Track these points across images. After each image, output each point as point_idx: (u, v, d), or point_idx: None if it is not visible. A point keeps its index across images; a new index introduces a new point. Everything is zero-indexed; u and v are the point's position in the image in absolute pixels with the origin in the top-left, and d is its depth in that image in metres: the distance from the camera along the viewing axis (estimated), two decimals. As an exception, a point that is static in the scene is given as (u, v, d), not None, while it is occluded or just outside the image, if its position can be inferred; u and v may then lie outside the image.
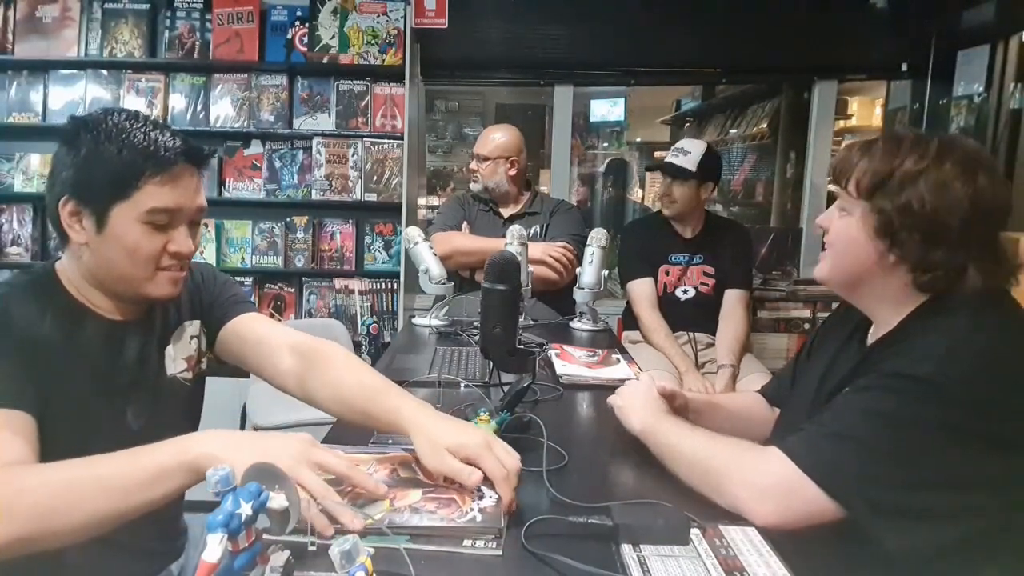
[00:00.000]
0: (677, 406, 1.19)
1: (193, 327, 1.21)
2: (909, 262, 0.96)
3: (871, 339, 1.05)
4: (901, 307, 0.99)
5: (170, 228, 1.02)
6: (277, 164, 3.07)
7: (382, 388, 1.06)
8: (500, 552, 0.80)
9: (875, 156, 0.98)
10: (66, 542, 0.81)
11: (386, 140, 3.02)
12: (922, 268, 0.95)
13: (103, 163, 0.97)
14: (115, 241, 0.99)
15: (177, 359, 1.17)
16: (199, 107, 3.03)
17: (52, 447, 0.95)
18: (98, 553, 1.00)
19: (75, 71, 2.99)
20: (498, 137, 2.52)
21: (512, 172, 2.51)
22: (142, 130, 0.99)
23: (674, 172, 2.43)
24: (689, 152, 2.44)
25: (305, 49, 2.98)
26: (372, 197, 3.04)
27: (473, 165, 2.54)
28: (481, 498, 0.89)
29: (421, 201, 3.55)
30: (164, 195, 0.99)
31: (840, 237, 1.02)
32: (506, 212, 2.54)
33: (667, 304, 2.49)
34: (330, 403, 1.11)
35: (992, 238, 0.95)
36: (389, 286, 3.12)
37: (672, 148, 2.51)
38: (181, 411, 1.19)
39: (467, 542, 0.82)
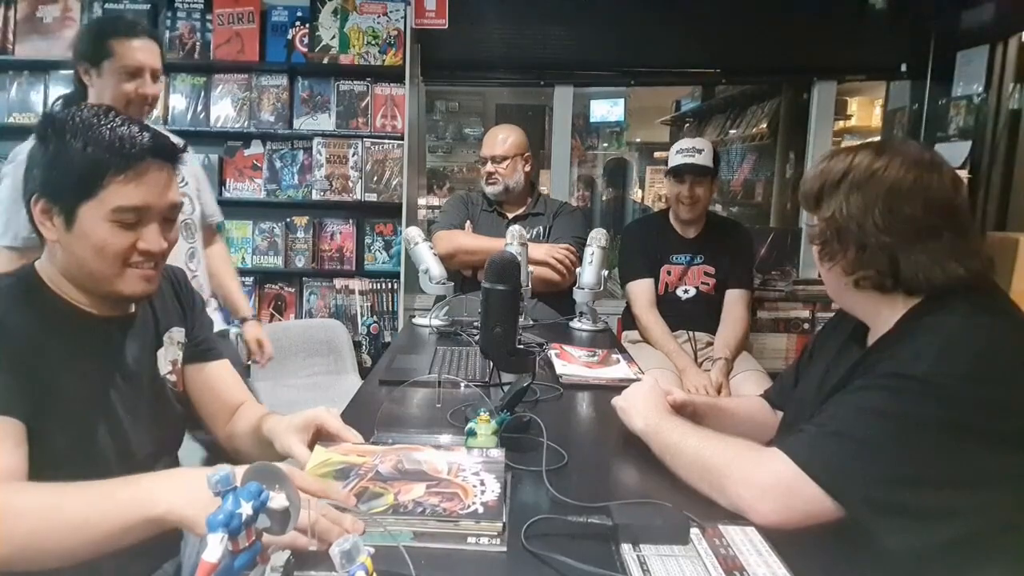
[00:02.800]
0: (687, 413, 1.19)
1: (180, 334, 1.22)
2: (840, 266, 1.00)
3: (870, 341, 1.06)
4: (890, 310, 1.00)
5: (139, 226, 0.99)
6: (277, 164, 3.07)
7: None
8: (504, 548, 0.81)
9: (816, 170, 1.04)
10: (42, 568, 0.81)
11: (386, 140, 3.03)
12: (856, 269, 0.99)
13: (69, 161, 0.95)
14: (83, 239, 0.97)
15: (165, 362, 1.18)
16: (199, 107, 3.03)
17: (49, 444, 0.95)
18: None
19: (75, 71, 2.99)
20: (510, 136, 2.51)
21: (527, 169, 2.52)
22: (109, 126, 0.96)
23: (701, 171, 2.41)
24: (702, 149, 2.43)
25: (305, 49, 2.99)
26: (372, 197, 3.05)
27: (489, 168, 2.48)
28: (484, 493, 0.89)
29: (421, 201, 3.55)
30: (130, 193, 0.96)
31: (814, 257, 1.09)
32: (512, 212, 2.54)
33: (668, 303, 2.49)
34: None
35: (924, 230, 0.95)
36: (389, 286, 3.12)
37: (678, 150, 2.45)
38: (171, 412, 1.19)
39: (471, 539, 0.82)
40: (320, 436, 1.09)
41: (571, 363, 1.63)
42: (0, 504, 0.81)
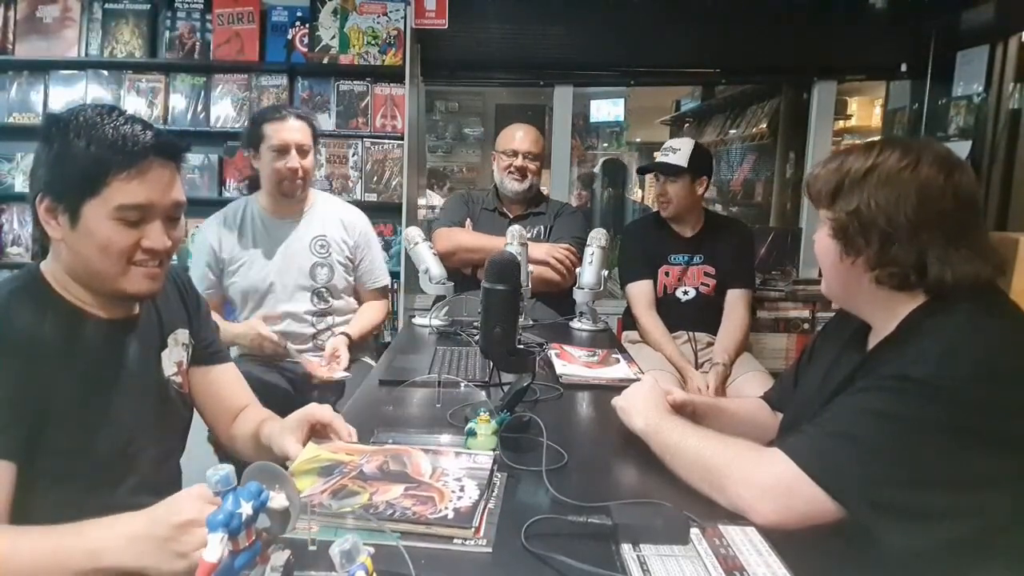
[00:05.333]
0: (687, 413, 1.19)
1: (184, 335, 1.22)
2: (866, 261, 0.99)
3: (871, 342, 1.06)
4: (895, 310, 1.00)
5: (143, 223, 1.00)
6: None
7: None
8: (490, 550, 0.81)
9: (830, 166, 1.02)
10: None
11: (386, 140, 3.02)
12: (880, 265, 0.98)
13: (72, 160, 0.96)
14: (87, 237, 0.98)
15: (170, 363, 1.18)
16: (199, 107, 3.03)
17: (51, 447, 0.95)
18: None
19: (75, 71, 2.99)
20: (539, 137, 2.54)
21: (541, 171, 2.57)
22: (112, 125, 0.98)
23: (666, 170, 2.41)
24: (678, 149, 2.43)
25: (305, 49, 2.98)
26: (372, 197, 3.04)
27: (519, 162, 2.46)
28: (460, 498, 0.89)
29: (421, 201, 3.55)
30: (133, 191, 0.97)
31: (819, 250, 1.07)
32: (514, 212, 2.54)
33: (668, 305, 2.48)
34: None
35: (953, 228, 0.95)
36: (389, 286, 3.11)
37: (661, 149, 2.49)
38: (175, 413, 1.20)
39: (457, 540, 0.82)
40: (315, 434, 1.09)
41: (571, 363, 1.63)
42: None
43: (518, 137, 2.51)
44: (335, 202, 2.33)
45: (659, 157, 2.45)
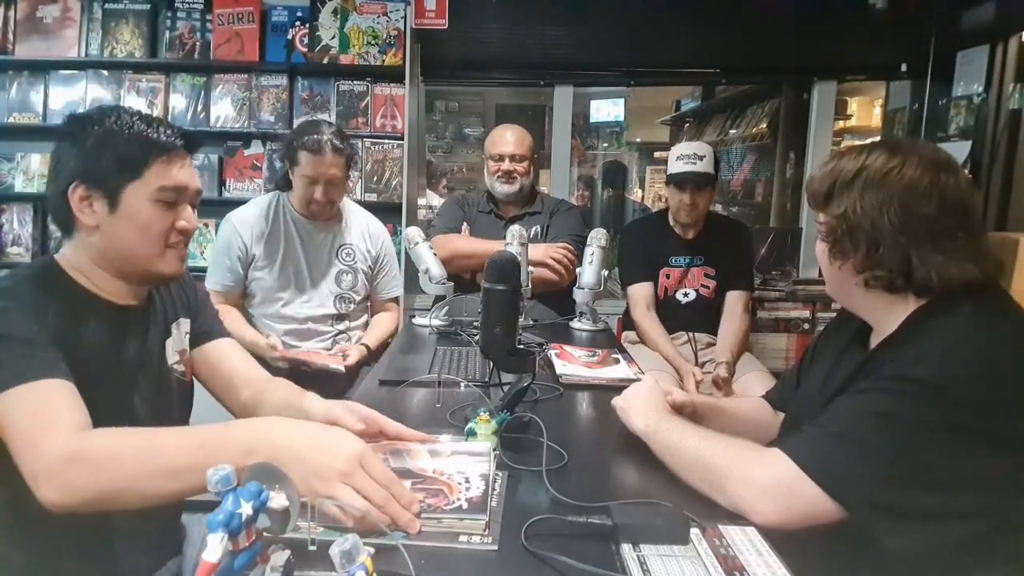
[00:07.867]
0: (687, 413, 1.19)
1: (186, 324, 1.25)
2: (854, 265, 1.00)
3: (873, 342, 1.06)
4: (894, 311, 1.00)
5: (177, 205, 1.09)
6: (277, 164, 3.06)
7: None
8: (496, 547, 0.81)
9: (825, 168, 1.03)
10: (128, 508, 0.87)
11: (386, 140, 3.03)
12: (867, 268, 0.98)
13: (112, 148, 1.04)
14: (129, 220, 1.05)
15: (173, 351, 1.20)
16: (199, 107, 3.03)
17: None
18: (94, 548, 1.01)
19: (76, 71, 2.99)
20: (526, 137, 2.53)
21: (534, 169, 2.56)
22: (141, 120, 1.08)
23: (702, 181, 2.37)
24: (703, 156, 2.39)
25: (305, 49, 2.99)
26: (372, 197, 3.04)
27: (507, 166, 2.46)
28: (468, 489, 0.89)
29: (421, 201, 3.55)
30: (171, 174, 1.07)
31: (816, 253, 1.08)
32: (510, 213, 2.54)
33: (668, 307, 2.48)
34: None
35: (939, 231, 0.94)
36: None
37: (679, 156, 2.41)
38: (179, 400, 1.22)
39: (463, 538, 0.82)
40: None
41: (571, 363, 1.63)
42: (97, 445, 0.86)
43: (503, 140, 2.51)
44: (361, 211, 2.39)
45: (684, 166, 2.38)
